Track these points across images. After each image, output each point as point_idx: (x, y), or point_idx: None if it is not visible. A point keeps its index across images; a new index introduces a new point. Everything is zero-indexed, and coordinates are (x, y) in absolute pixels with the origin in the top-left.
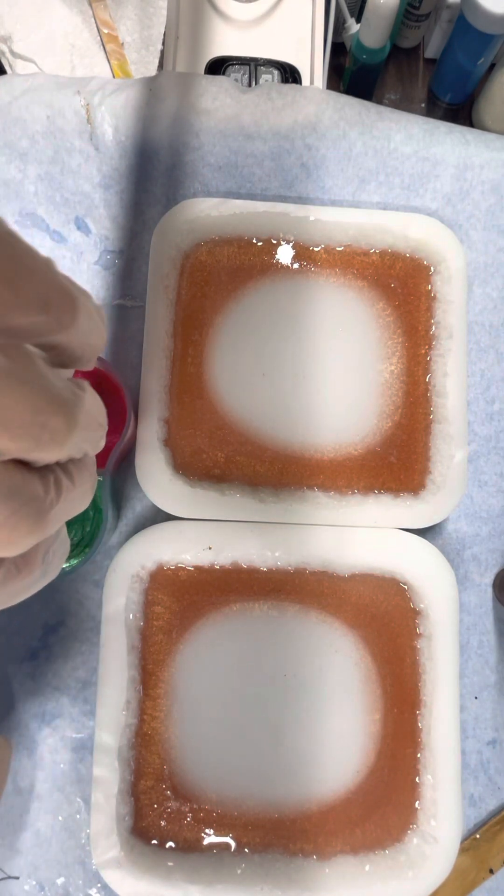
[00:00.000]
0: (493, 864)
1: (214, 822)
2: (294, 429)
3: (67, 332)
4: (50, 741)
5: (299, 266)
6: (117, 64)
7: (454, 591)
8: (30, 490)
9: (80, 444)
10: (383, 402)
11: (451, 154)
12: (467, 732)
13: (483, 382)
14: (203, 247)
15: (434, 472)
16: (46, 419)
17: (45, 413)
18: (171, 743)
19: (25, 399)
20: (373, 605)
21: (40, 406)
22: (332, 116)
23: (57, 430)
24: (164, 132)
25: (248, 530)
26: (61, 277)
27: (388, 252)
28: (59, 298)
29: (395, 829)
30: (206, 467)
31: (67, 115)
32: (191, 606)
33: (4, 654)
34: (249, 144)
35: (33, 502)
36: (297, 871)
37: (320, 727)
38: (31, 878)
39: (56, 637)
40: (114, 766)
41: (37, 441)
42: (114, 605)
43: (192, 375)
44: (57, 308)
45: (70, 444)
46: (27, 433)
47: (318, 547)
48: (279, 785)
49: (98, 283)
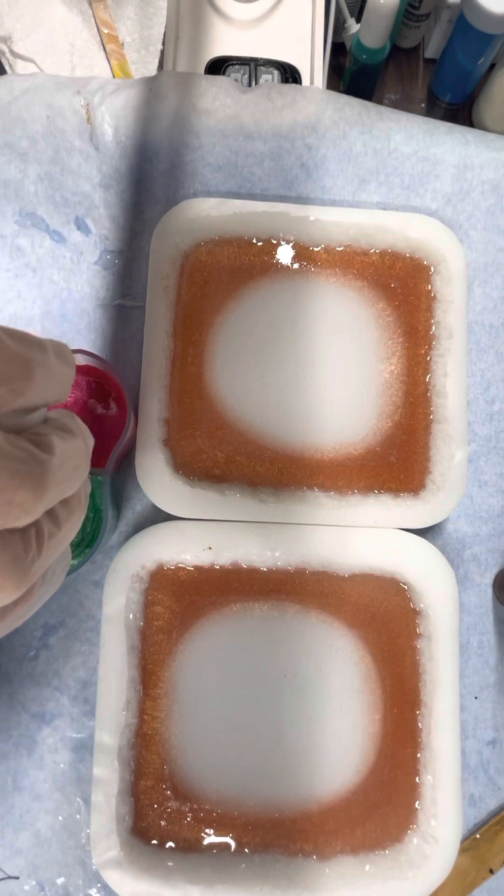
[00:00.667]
0: (493, 864)
1: (214, 822)
2: (294, 429)
3: (24, 398)
4: (50, 741)
5: (299, 266)
6: (117, 64)
7: (454, 591)
8: (10, 553)
9: (56, 497)
10: (383, 402)
11: (451, 154)
12: (467, 732)
13: (483, 382)
14: (203, 247)
15: (434, 472)
16: (11, 496)
17: (7, 491)
18: (171, 743)
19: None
20: (373, 605)
21: (1, 485)
22: (332, 116)
23: (24, 502)
24: (164, 132)
25: (248, 530)
26: (9, 342)
27: (388, 252)
28: (9, 369)
29: (395, 829)
30: (206, 467)
31: (67, 115)
32: (191, 606)
33: (4, 654)
34: (249, 144)
35: (15, 564)
36: (297, 871)
37: (320, 727)
38: (31, 878)
39: (56, 637)
40: (114, 766)
41: (5, 518)
42: (114, 605)
43: (192, 375)
44: (8, 379)
45: (42, 507)
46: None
47: (318, 547)
48: (279, 785)
49: (98, 283)
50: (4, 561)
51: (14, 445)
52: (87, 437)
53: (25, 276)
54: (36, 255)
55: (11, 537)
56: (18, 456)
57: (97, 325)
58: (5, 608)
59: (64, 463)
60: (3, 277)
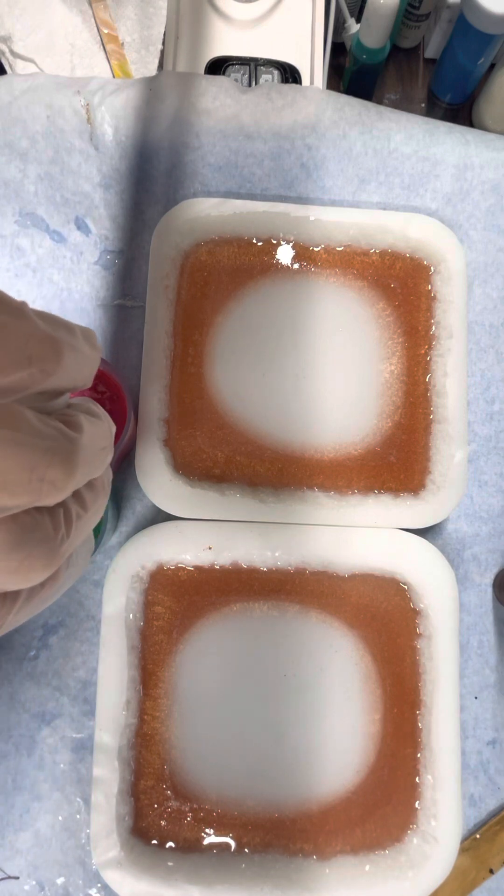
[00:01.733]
0: (493, 864)
1: (214, 822)
2: (294, 429)
3: (54, 378)
4: (50, 741)
5: (299, 266)
6: (117, 64)
7: (454, 591)
8: (40, 532)
9: (84, 477)
10: (383, 402)
11: (451, 154)
12: (467, 732)
13: (483, 382)
14: (203, 247)
15: (434, 472)
16: (43, 473)
17: (40, 467)
18: (171, 743)
19: (19, 458)
20: (373, 605)
21: (35, 462)
22: (332, 116)
23: (56, 479)
24: (164, 132)
25: (248, 530)
26: (39, 323)
27: (388, 252)
28: (39, 348)
29: (395, 829)
30: (206, 467)
31: (67, 115)
32: (191, 606)
33: (4, 654)
34: (249, 144)
35: (45, 543)
36: (297, 871)
37: (320, 727)
38: (31, 878)
39: (56, 637)
40: (114, 766)
41: (37, 494)
42: (114, 605)
43: (192, 375)
44: (39, 359)
45: (73, 485)
46: (26, 489)
47: (318, 547)
48: (279, 785)
49: (98, 283)
50: (35, 540)
51: (46, 424)
52: (109, 421)
53: (25, 276)
54: (36, 255)
55: (41, 517)
56: (50, 434)
57: (97, 326)
58: (32, 590)
59: (92, 444)
60: (3, 277)
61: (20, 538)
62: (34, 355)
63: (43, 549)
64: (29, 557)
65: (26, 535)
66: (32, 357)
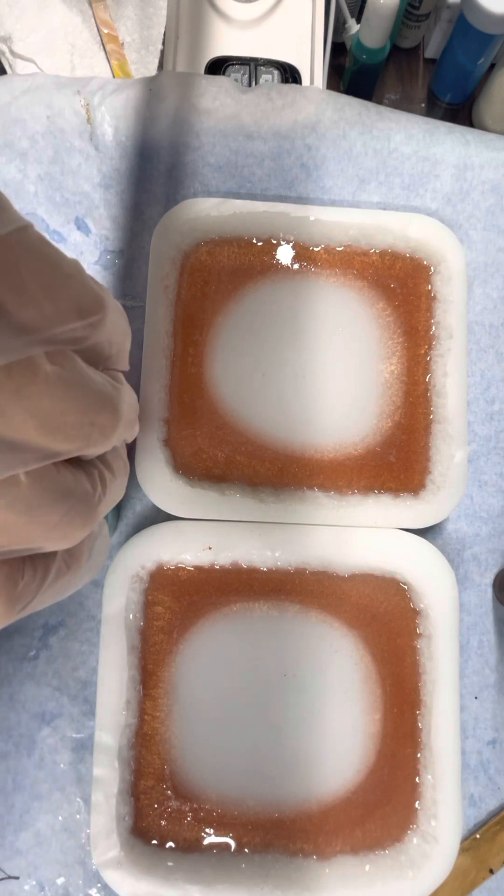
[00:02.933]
0: (493, 864)
1: (214, 822)
2: (294, 429)
3: (99, 333)
4: (50, 741)
5: (299, 266)
6: (117, 64)
7: (454, 591)
8: (81, 488)
9: (123, 432)
10: (383, 402)
11: (451, 154)
12: (467, 732)
13: (483, 382)
14: (203, 247)
15: (434, 472)
16: (95, 417)
17: (93, 411)
18: (171, 743)
19: (76, 401)
20: (373, 605)
21: (88, 405)
22: (332, 116)
23: (105, 426)
24: (164, 132)
25: (248, 530)
26: (89, 280)
27: (388, 252)
28: (90, 302)
29: (395, 829)
30: (206, 467)
31: (67, 115)
32: (191, 606)
33: (4, 654)
34: (249, 144)
35: (85, 499)
36: (297, 871)
37: (320, 727)
38: (31, 878)
39: (56, 637)
40: (114, 766)
41: (88, 439)
42: (114, 605)
43: (192, 375)
44: (89, 312)
45: (116, 437)
46: (80, 433)
47: (318, 547)
48: (279, 785)
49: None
50: (76, 495)
51: (96, 373)
52: (135, 396)
53: None
54: None
55: (80, 474)
56: (100, 381)
57: None
58: (59, 569)
59: (130, 400)
60: None
61: (63, 491)
62: (85, 308)
63: (83, 506)
64: (70, 513)
65: (68, 489)
66: (84, 310)
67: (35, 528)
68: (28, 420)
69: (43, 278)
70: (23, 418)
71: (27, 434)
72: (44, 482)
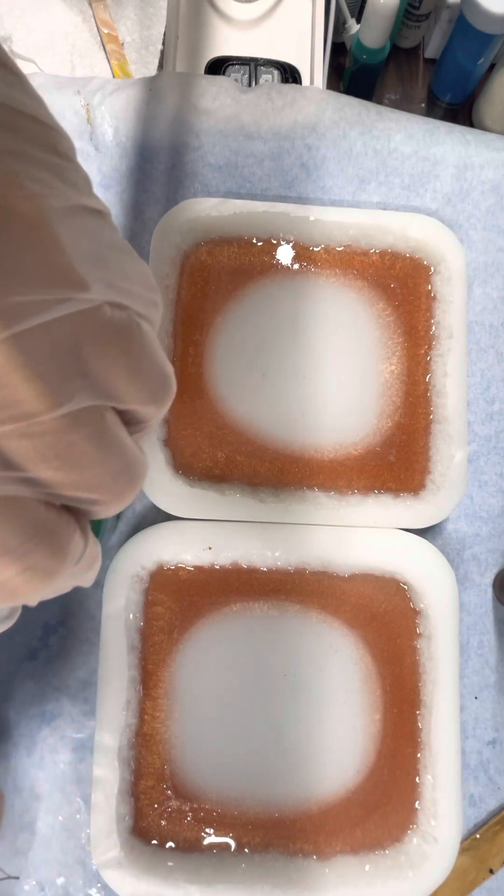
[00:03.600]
0: (493, 864)
1: (214, 822)
2: (294, 429)
3: (159, 415)
4: (50, 741)
5: (299, 266)
6: (117, 64)
7: (454, 591)
8: (135, 449)
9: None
10: (383, 402)
11: (451, 154)
12: (467, 732)
13: (483, 382)
14: (203, 247)
15: (434, 472)
16: (165, 377)
17: (164, 372)
18: (171, 743)
19: (156, 358)
20: (373, 605)
21: (162, 363)
22: (332, 116)
23: (168, 389)
24: (164, 132)
25: (248, 530)
26: (166, 362)
27: (388, 252)
28: (162, 391)
29: (395, 829)
30: (206, 467)
31: (67, 115)
32: (191, 606)
33: (4, 654)
34: (249, 144)
35: (138, 458)
36: (297, 871)
37: (320, 727)
38: (31, 878)
39: (56, 637)
40: (114, 766)
41: (156, 397)
42: (114, 605)
43: (192, 375)
44: (161, 400)
45: (128, 501)
46: (155, 388)
47: (318, 547)
48: (279, 785)
49: None
50: (132, 452)
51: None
52: None
53: None
54: None
55: (52, 514)
56: (132, 446)
57: None
58: (89, 549)
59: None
60: None
61: (124, 445)
62: (158, 396)
63: (137, 465)
64: (130, 467)
65: (129, 445)
66: (157, 397)
67: (105, 471)
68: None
69: (140, 362)
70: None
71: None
72: (116, 426)
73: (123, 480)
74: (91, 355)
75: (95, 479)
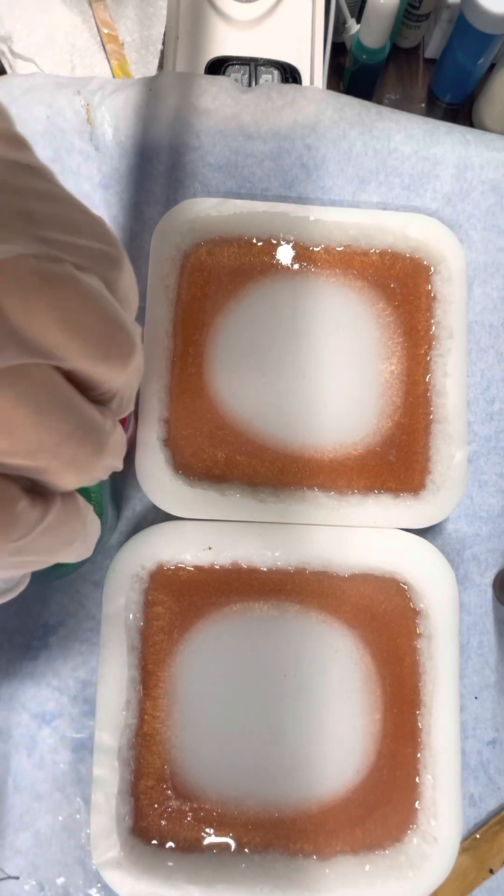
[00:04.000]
0: (493, 864)
1: (214, 822)
2: (294, 429)
3: (116, 381)
4: (50, 741)
5: (299, 266)
6: (117, 64)
7: (454, 591)
8: (91, 412)
9: (134, 378)
10: (383, 402)
11: (451, 154)
12: (467, 732)
13: (483, 382)
14: (203, 247)
15: (434, 472)
16: (115, 333)
17: (113, 328)
18: (171, 743)
19: (99, 311)
20: (373, 605)
21: (112, 318)
22: (332, 116)
23: (122, 346)
24: (164, 132)
25: (248, 530)
26: (122, 318)
27: (388, 252)
28: (116, 348)
29: (395, 829)
30: (206, 467)
31: (67, 115)
32: (191, 606)
33: (4, 654)
34: (249, 144)
35: (95, 425)
36: (297, 871)
37: (320, 727)
38: (31, 878)
39: (56, 637)
40: (114, 766)
41: (106, 354)
42: (114, 605)
43: (192, 375)
44: (114, 359)
45: (132, 368)
46: (99, 343)
47: (318, 547)
48: (279, 785)
49: None
50: (87, 416)
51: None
52: None
53: None
54: None
55: (88, 403)
56: (120, 310)
57: None
58: (58, 516)
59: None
60: None
61: (72, 404)
62: (113, 353)
63: (93, 431)
64: (80, 431)
65: (78, 404)
66: (110, 355)
67: (44, 434)
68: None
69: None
70: (44, 320)
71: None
72: (53, 385)
73: (73, 444)
74: (13, 309)
75: (33, 443)
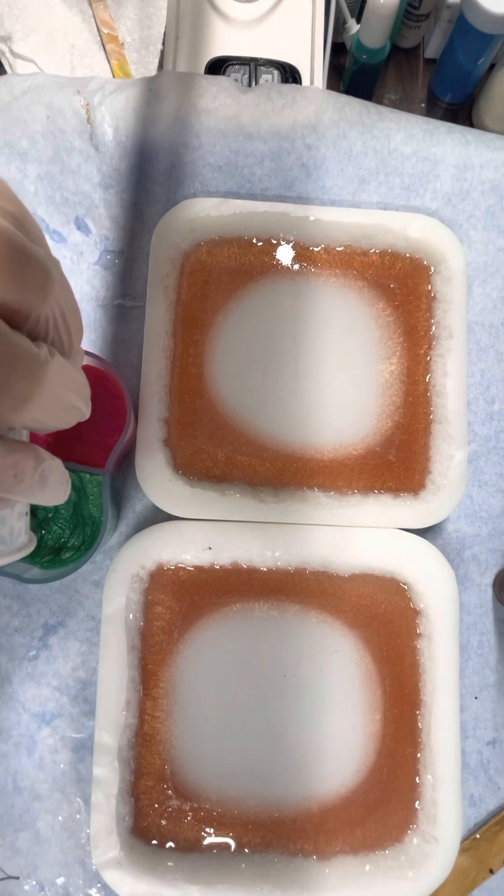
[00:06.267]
0: (493, 864)
1: (214, 822)
2: (294, 429)
3: (39, 307)
4: (50, 741)
5: (299, 266)
6: (117, 64)
7: (454, 591)
8: (15, 338)
9: (59, 302)
10: (383, 402)
11: (451, 154)
12: (467, 732)
13: (483, 382)
14: (203, 247)
15: (434, 472)
16: (26, 261)
17: (23, 256)
18: (171, 743)
19: (8, 242)
20: (373, 605)
21: (20, 248)
22: (332, 116)
23: (36, 273)
24: (164, 132)
25: (248, 530)
26: (30, 248)
27: (388, 252)
28: (29, 271)
29: (395, 829)
30: (206, 467)
31: (67, 115)
32: (191, 606)
33: (4, 654)
34: (249, 144)
35: (22, 348)
36: (297, 871)
37: (320, 727)
38: (31, 878)
39: (56, 637)
40: (114, 766)
41: (22, 283)
42: (114, 605)
43: (192, 375)
44: (25, 283)
45: (53, 296)
46: (12, 272)
47: (318, 547)
48: (279, 785)
49: (98, 283)
50: (14, 341)
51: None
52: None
53: None
54: None
55: (17, 333)
56: (35, 248)
57: (97, 325)
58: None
59: (63, 278)
60: None
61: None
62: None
63: (25, 356)
64: (6, 354)
65: (2, 331)
66: (23, 281)
67: None
68: None
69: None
70: None
71: None
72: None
73: (2, 371)
74: None
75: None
